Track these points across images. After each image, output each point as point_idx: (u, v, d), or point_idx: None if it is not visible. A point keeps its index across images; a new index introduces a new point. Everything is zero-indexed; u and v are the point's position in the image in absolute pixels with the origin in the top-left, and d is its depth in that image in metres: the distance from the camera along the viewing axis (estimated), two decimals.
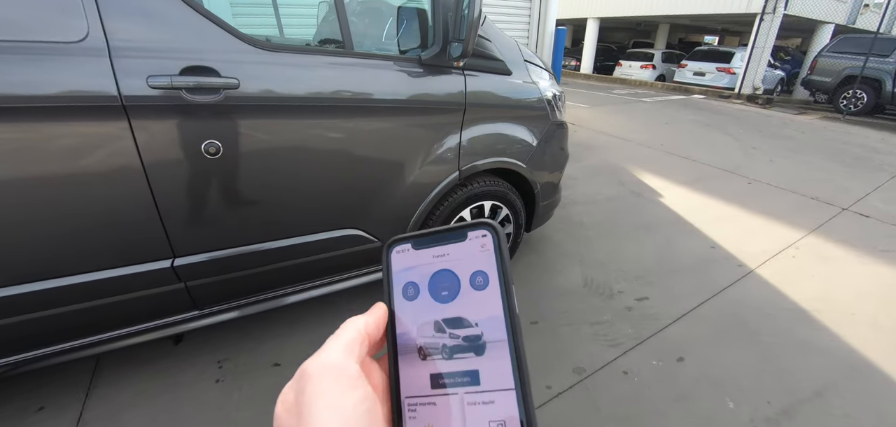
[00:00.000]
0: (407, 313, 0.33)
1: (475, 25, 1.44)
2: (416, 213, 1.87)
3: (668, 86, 14.61)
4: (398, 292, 0.34)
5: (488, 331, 0.30)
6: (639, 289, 2.56)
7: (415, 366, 0.31)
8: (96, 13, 1.10)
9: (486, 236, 0.32)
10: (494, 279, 0.31)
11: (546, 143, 2.26)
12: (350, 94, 1.50)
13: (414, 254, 0.34)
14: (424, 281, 0.33)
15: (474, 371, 0.30)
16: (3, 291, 1.20)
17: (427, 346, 0.32)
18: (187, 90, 1.22)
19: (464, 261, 0.32)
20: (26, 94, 1.05)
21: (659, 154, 5.60)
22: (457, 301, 0.32)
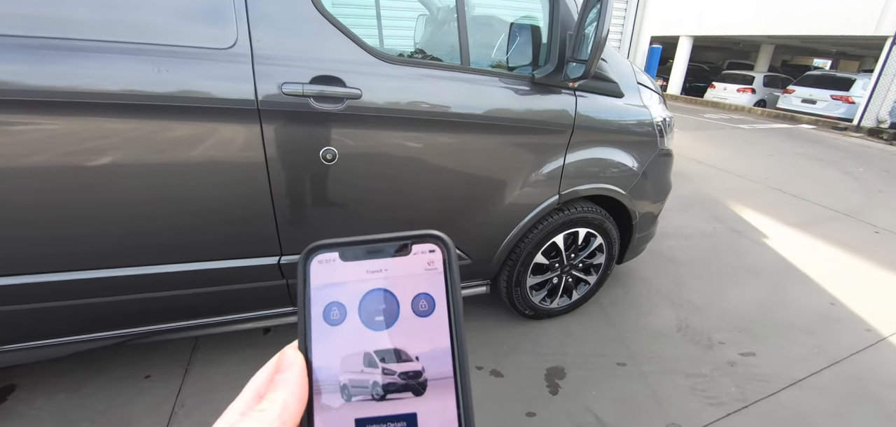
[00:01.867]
0: (328, 341, 0.26)
1: (600, 46, 1.36)
2: (510, 235, 1.81)
3: (769, 113, 13.21)
4: (317, 314, 0.27)
5: (431, 367, 0.25)
6: (743, 342, 2.29)
7: (335, 408, 0.25)
8: (245, 22, 1.18)
9: (435, 251, 0.27)
10: (441, 304, 0.26)
11: (650, 172, 2.10)
12: (463, 109, 1.49)
13: (341, 266, 0.27)
14: (354, 301, 0.27)
15: (411, 415, 0.25)
16: (153, 269, 1.32)
17: (353, 384, 0.26)
18: (315, 98, 1.27)
19: (405, 280, 0.27)
20: (179, 93, 1.15)
21: (761, 189, 5.05)
22: (394, 329, 0.26)
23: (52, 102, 1.05)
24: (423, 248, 0.27)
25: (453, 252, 0.27)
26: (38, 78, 1.03)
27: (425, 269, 0.27)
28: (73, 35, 1.05)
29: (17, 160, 1.08)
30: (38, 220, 1.16)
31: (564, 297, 2.25)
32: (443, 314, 0.26)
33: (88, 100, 1.07)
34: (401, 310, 0.26)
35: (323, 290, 0.27)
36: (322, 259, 0.27)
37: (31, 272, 1.22)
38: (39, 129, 1.08)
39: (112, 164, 1.16)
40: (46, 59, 1.03)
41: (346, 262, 0.27)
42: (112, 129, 1.13)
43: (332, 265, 0.27)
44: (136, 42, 1.11)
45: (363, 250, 0.27)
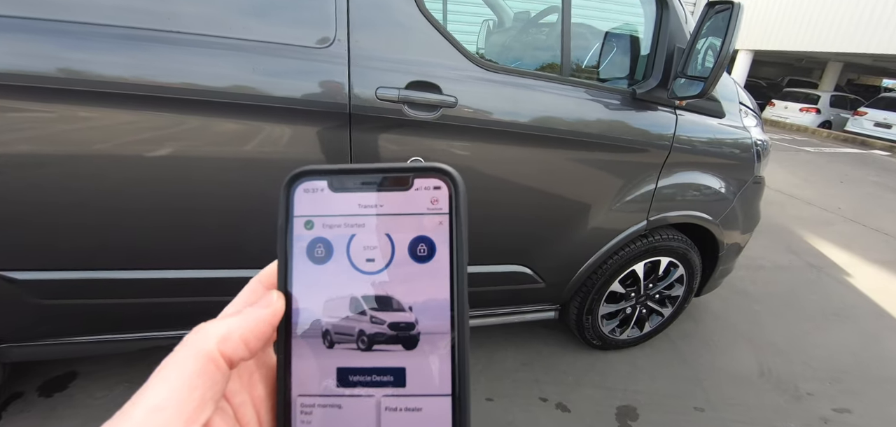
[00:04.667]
0: (311, 281, 0.24)
1: (725, 63, 1.21)
2: (590, 261, 1.68)
3: (836, 135, 12.28)
4: (300, 250, 0.24)
5: (425, 319, 0.23)
6: (836, 395, 2.05)
7: (316, 354, 0.23)
8: (346, 20, 1.11)
9: (440, 188, 0.24)
10: (443, 250, 0.23)
11: (743, 199, 1.91)
12: (559, 123, 1.38)
13: (330, 198, 0.24)
14: (342, 239, 0.24)
15: (400, 369, 0.23)
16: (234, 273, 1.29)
17: (337, 331, 0.23)
18: (409, 105, 1.19)
19: (403, 218, 0.24)
20: (271, 93, 1.09)
21: (837, 220, 4.63)
22: (386, 273, 0.23)
23: (141, 97, 1.01)
24: (427, 184, 0.23)
25: (462, 190, 0.23)
26: (130, 70, 0.99)
27: (427, 209, 0.23)
28: (170, 28, 1.01)
29: (112, 154, 1.05)
30: (124, 215, 1.14)
31: (635, 328, 2.09)
32: (444, 261, 0.23)
33: (180, 96, 1.03)
34: (396, 252, 0.23)
35: (308, 222, 0.24)
36: (308, 187, 0.24)
37: (115, 267, 1.21)
38: (129, 123, 1.04)
39: (199, 163, 1.12)
40: (138, 51, 0.99)
41: (335, 192, 0.24)
42: (201, 127, 1.09)
43: (319, 195, 0.24)
44: (231, 37, 1.06)
45: (356, 180, 0.24)
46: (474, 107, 1.26)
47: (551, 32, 1.55)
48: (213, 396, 0.19)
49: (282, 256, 0.24)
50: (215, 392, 0.19)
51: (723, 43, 1.19)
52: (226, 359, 0.20)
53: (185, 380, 0.19)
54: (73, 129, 1.02)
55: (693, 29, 1.33)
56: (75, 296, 1.22)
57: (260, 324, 0.22)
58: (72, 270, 1.18)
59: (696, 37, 1.31)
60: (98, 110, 1.01)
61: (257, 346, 0.21)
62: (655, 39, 1.43)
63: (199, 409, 0.18)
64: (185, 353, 0.19)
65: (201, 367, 0.19)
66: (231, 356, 0.20)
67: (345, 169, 0.24)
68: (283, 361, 0.23)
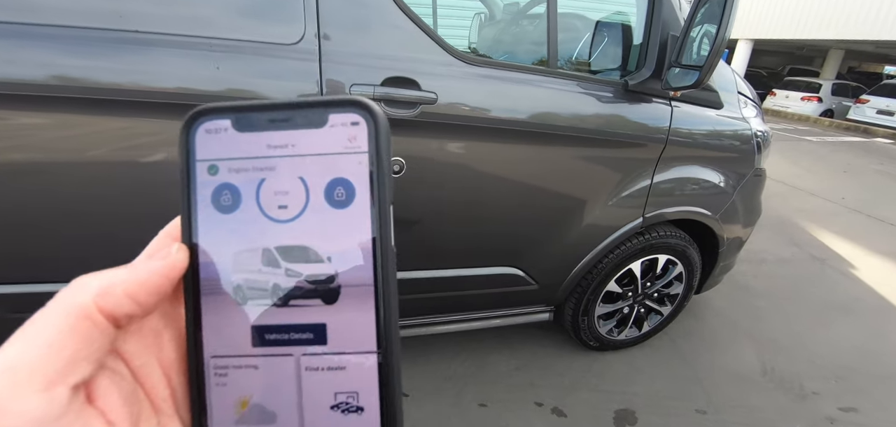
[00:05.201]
0: (218, 232, 0.21)
1: (721, 50, 1.14)
2: (584, 260, 1.62)
3: (838, 124, 12.15)
4: (205, 197, 0.21)
5: (345, 269, 0.21)
6: (842, 394, 1.98)
7: (227, 312, 0.21)
8: (315, 15, 1.05)
9: (358, 124, 0.20)
10: (364, 193, 0.20)
11: (743, 193, 1.84)
12: (548, 117, 1.32)
13: (236, 138, 0.21)
14: (251, 184, 0.21)
15: (320, 325, 0.21)
16: None
17: (249, 285, 0.21)
18: (386, 102, 1.12)
19: (319, 160, 0.21)
20: (237, 93, 1.03)
21: (840, 210, 4.56)
22: (301, 220, 0.21)
23: (98, 101, 0.95)
24: (343, 119, 0.21)
25: (383, 125, 0.21)
26: (92, 73, 0.93)
27: (345, 147, 0.21)
28: (126, 27, 0.94)
29: (60, 158, 0.99)
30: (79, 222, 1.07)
31: (633, 328, 2.02)
32: (364, 205, 0.21)
33: (135, 99, 0.97)
34: (311, 197, 0.21)
35: (212, 167, 0.21)
36: (210, 127, 0.21)
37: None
38: (86, 127, 0.98)
39: (161, 168, 1.05)
40: (96, 53, 0.93)
41: (241, 132, 0.21)
42: (162, 130, 1.03)
43: (223, 135, 0.21)
44: (193, 36, 0.99)
45: (265, 118, 0.21)
46: (456, 103, 1.19)
47: (540, 24, 1.48)
48: (89, 356, 0.17)
49: (184, 205, 0.22)
50: (92, 351, 0.17)
51: (718, 29, 1.12)
52: (106, 314, 0.18)
53: (48, 337, 0.16)
54: (41, 138, 0.96)
55: (687, 16, 1.26)
56: None
57: (153, 276, 0.19)
58: (43, 283, 1.13)
59: (691, 24, 1.24)
60: (59, 116, 0.95)
61: (149, 301, 0.19)
62: (648, 27, 1.37)
63: (66, 370, 0.16)
64: (54, 307, 0.17)
65: (72, 324, 0.17)
66: (113, 311, 0.18)
67: (251, 105, 0.21)
68: (192, 320, 0.21)
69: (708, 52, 1.16)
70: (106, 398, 0.18)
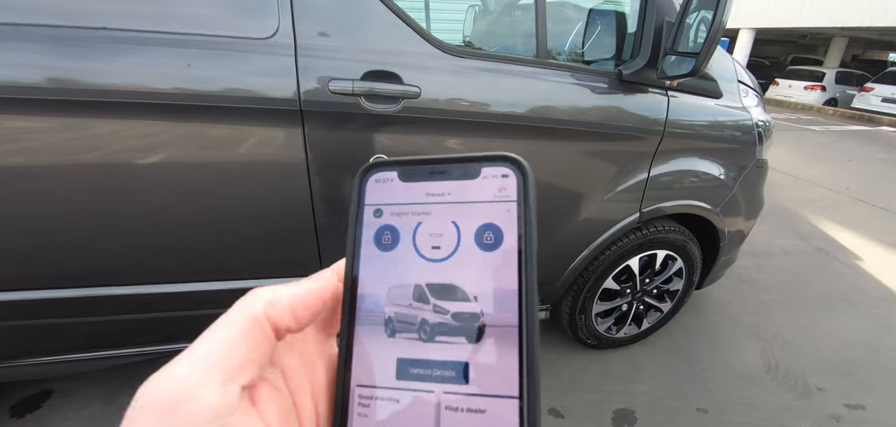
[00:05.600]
0: (377, 268, 0.23)
1: (717, 37, 1.08)
2: (579, 258, 1.56)
3: (842, 113, 12.01)
4: (368, 237, 0.24)
5: (491, 310, 0.21)
6: (848, 390, 1.93)
7: (377, 343, 0.22)
8: (289, 7, 1.00)
9: (508, 176, 0.22)
10: (511, 239, 0.22)
11: (745, 185, 1.78)
12: (539, 111, 1.26)
13: (400, 187, 0.24)
14: (409, 227, 0.23)
15: (462, 364, 0.21)
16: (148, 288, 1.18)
17: (399, 319, 0.22)
18: (366, 97, 1.07)
19: (470, 207, 0.23)
20: (210, 91, 0.98)
21: (845, 201, 4.48)
22: (452, 261, 0.22)
23: (62, 102, 0.90)
24: (495, 172, 0.23)
25: (531, 179, 0.22)
26: (50, 73, 0.89)
27: (495, 196, 0.22)
28: (90, 24, 0.90)
29: (26, 161, 0.95)
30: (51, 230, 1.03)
31: (633, 325, 1.97)
32: (512, 251, 0.21)
33: (105, 98, 0.92)
34: (462, 240, 0.22)
35: (377, 210, 0.24)
36: (379, 178, 0.24)
37: (52, 287, 1.11)
38: (52, 130, 0.94)
39: (133, 172, 1.01)
40: (57, 53, 0.88)
41: (405, 182, 0.24)
42: (131, 132, 0.98)
43: (389, 184, 0.24)
44: (163, 32, 0.94)
45: (426, 171, 0.24)
46: (441, 97, 1.14)
47: (530, 14, 1.42)
48: (256, 359, 0.19)
49: (351, 242, 0.24)
50: (259, 354, 0.19)
51: (715, 15, 1.07)
52: (272, 324, 0.20)
53: (229, 337, 0.19)
54: (5, 139, 0.92)
55: (682, 2, 1.20)
56: (45, 315, 1.14)
57: (309, 296, 0.21)
58: (39, 290, 1.11)
59: (686, 10, 1.18)
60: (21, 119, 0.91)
61: (305, 317, 0.21)
62: (642, 15, 1.31)
63: (241, 368, 0.18)
64: (234, 312, 0.20)
65: (246, 326, 0.19)
66: (277, 322, 0.20)
67: (414, 160, 0.24)
68: (345, 347, 0.23)
69: (704, 39, 1.10)
70: (266, 406, 0.20)
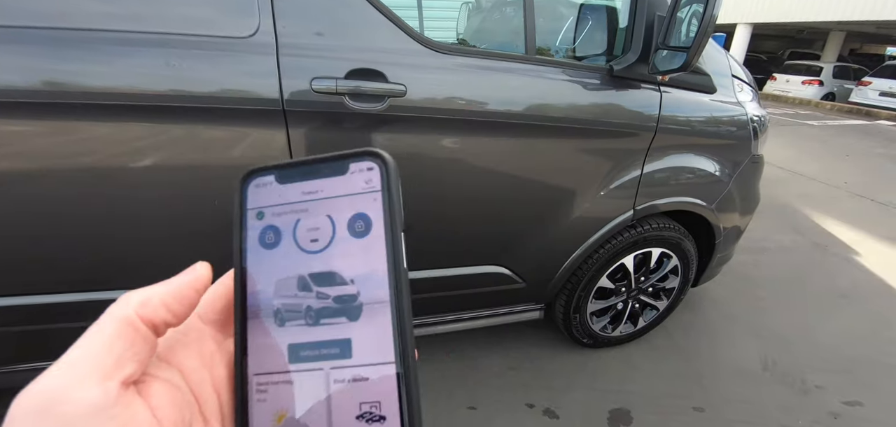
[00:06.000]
0: (263, 265, 0.25)
1: (709, 31, 1.06)
2: (572, 257, 1.54)
3: (840, 107, 12.00)
4: (254, 238, 0.26)
5: (366, 290, 0.24)
6: (845, 386, 1.91)
7: (269, 334, 0.25)
8: (269, 5, 0.97)
9: (373, 169, 0.25)
10: (379, 225, 0.24)
11: (740, 180, 1.76)
12: (528, 108, 1.24)
13: (278, 188, 0.26)
14: (289, 224, 0.25)
15: (345, 340, 0.24)
16: None
17: (287, 309, 0.25)
18: (350, 96, 1.05)
19: (342, 200, 0.25)
20: (189, 91, 0.96)
21: (842, 195, 4.47)
22: (329, 251, 0.25)
23: (39, 105, 0.88)
24: (361, 166, 0.25)
25: (392, 166, 0.25)
26: (23, 75, 0.86)
27: (363, 188, 0.25)
28: (64, 25, 0.87)
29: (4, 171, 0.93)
30: (33, 236, 1.01)
31: (628, 324, 1.95)
32: (379, 234, 0.24)
33: (80, 101, 0.90)
34: (336, 231, 0.25)
35: (259, 213, 0.26)
36: (259, 182, 0.26)
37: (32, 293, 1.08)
38: (38, 134, 0.91)
39: (113, 176, 0.99)
40: (32, 54, 0.86)
41: (282, 184, 0.26)
42: (109, 135, 0.96)
43: (268, 188, 0.26)
44: (142, 32, 0.92)
45: (300, 172, 0.26)
46: (427, 95, 1.11)
47: (519, 10, 1.40)
48: (134, 356, 0.20)
49: (237, 244, 0.26)
50: (136, 352, 0.20)
51: (706, 8, 1.05)
52: (146, 322, 0.21)
53: (100, 340, 0.20)
54: None
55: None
56: (34, 321, 1.12)
57: (182, 288, 0.23)
58: (29, 296, 1.09)
59: (677, 3, 1.16)
60: None
61: (181, 310, 0.22)
62: (633, 9, 1.29)
63: (117, 365, 0.19)
64: (104, 318, 0.20)
65: (118, 328, 0.20)
66: (152, 319, 0.21)
67: (289, 163, 0.26)
68: (239, 344, 0.25)
69: (696, 33, 1.08)
70: (157, 399, 0.21)
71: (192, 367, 0.24)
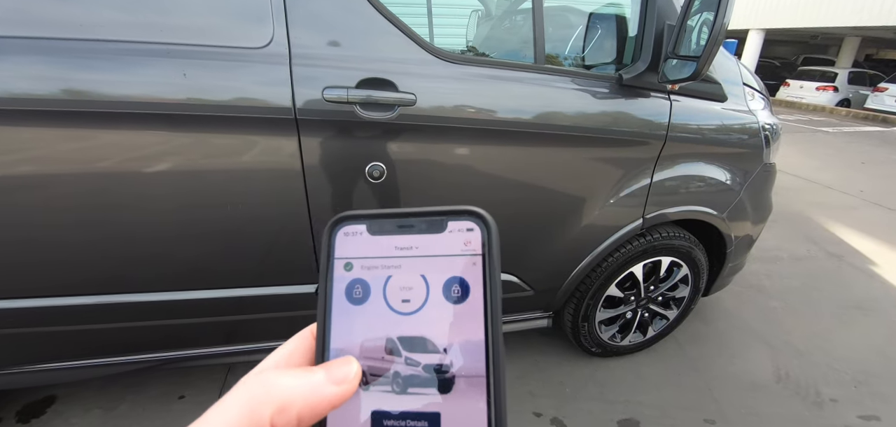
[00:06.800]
0: (349, 321, 0.24)
1: (719, 40, 1.06)
2: (581, 265, 1.54)
3: (856, 114, 11.80)
4: (339, 291, 0.24)
5: (460, 360, 0.22)
6: (861, 399, 1.87)
7: (352, 397, 0.22)
8: (283, 16, 0.99)
9: (473, 230, 0.24)
10: (477, 291, 0.23)
11: (752, 189, 1.74)
12: (537, 117, 1.24)
13: (369, 240, 0.25)
14: (379, 280, 0.24)
15: (434, 415, 0.22)
16: (166, 295, 1.19)
17: (372, 371, 0.23)
18: (361, 105, 1.06)
19: (438, 261, 0.24)
20: (204, 100, 0.98)
21: (858, 204, 4.38)
22: (421, 314, 0.23)
23: (59, 113, 0.91)
24: (461, 226, 0.24)
25: (494, 232, 0.24)
26: (51, 85, 0.89)
27: (461, 250, 0.23)
28: (85, 36, 0.90)
29: (26, 171, 0.96)
30: (51, 240, 1.04)
31: (638, 333, 1.94)
32: (478, 302, 0.22)
33: (100, 109, 0.92)
34: (430, 293, 0.23)
35: (347, 264, 0.24)
36: (349, 231, 0.25)
37: (51, 295, 1.11)
38: (56, 141, 0.94)
39: (130, 181, 1.01)
40: (55, 64, 0.89)
41: (373, 235, 0.25)
42: (127, 142, 0.98)
43: (358, 238, 0.25)
44: (159, 42, 0.95)
45: (394, 224, 0.25)
46: (436, 104, 1.13)
47: (529, 18, 1.41)
48: None
49: (322, 296, 0.24)
50: None
51: (716, 17, 1.04)
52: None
53: None
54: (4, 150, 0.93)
55: (683, 4, 1.18)
56: (50, 323, 1.16)
57: (322, 403, 0.21)
58: (44, 298, 1.12)
59: (688, 12, 1.16)
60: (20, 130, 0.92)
61: (309, 423, 0.21)
62: (643, 18, 1.29)
63: None
64: (237, 410, 0.19)
65: None
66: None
67: (383, 214, 0.25)
68: None
69: (706, 42, 1.08)
70: None
71: None
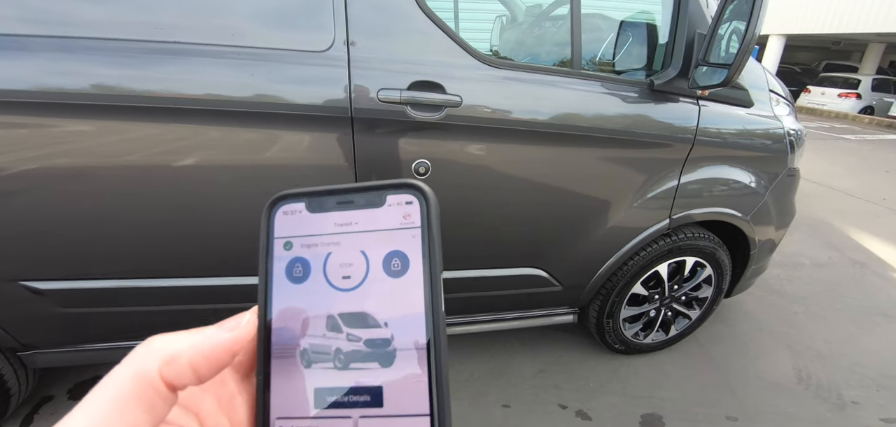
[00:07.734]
0: (290, 301, 0.23)
1: (750, 48, 1.11)
2: (609, 262, 1.60)
3: (879, 122, 11.55)
4: (280, 271, 0.24)
5: (401, 334, 0.22)
6: (884, 403, 1.89)
7: (294, 375, 0.23)
8: (344, 22, 1.08)
9: (412, 203, 0.23)
10: (418, 264, 0.22)
11: (776, 193, 1.78)
12: (573, 119, 1.31)
13: (308, 218, 0.24)
14: (319, 258, 0.24)
15: (376, 388, 0.22)
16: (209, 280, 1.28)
17: (314, 349, 0.23)
18: (412, 106, 1.15)
19: (377, 235, 0.23)
20: (269, 98, 1.07)
21: (882, 212, 4.34)
22: (361, 289, 0.23)
23: (140, 108, 1.01)
24: (399, 200, 0.23)
25: (433, 203, 0.23)
26: (131, 82, 0.99)
27: (400, 224, 0.23)
28: (165, 38, 1.00)
29: (102, 163, 1.05)
30: (119, 223, 1.14)
31: (661, 331, 1.98)
32: (418, 275, 0.22)
33: (176, 105, 1.02)
34: (370, 268, 0.23)
35: (287, 243, 0.24)
36: (287, 209, 0.25)
37: (112, 277, 1.21)
38: (126, 133, 1.04)
39: (195, 171, 1.11)
40: (140, 63, 0.99)
41: (313, 213, 0.24)
42: (196, 135, 1.08)
43: (298, 216, 0.24)
44: (228, 45, 1.04)
45: (333, 201, 0.24)
46: (480, 105, 1.20)
47: (563, 25, 1.48)
48: (151, 420, 0.18)
49: (262, 277, 0.24)
50: (153, 416, 0.18)
51: (748, 26, 1.10)
52: (167, 383, 0.19)
53: (116, 403, 0.18)
54: (85, 143, 1.03)
55: (715, 13, 1.24)
56: (99, 304, 1.24)
57: (216, 349, 0.21)
58: (95, 280, 1.21)
59: (719, 21, 1.22)
60: (101, 123, 1.02)
61: (208, 373, 0.20)
62: (674, 26, 1.35)
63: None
64: (123, 372, 0.19)
65: (138, 390, 0.18)
66: (173, 382, 0.19)
67: (321, 190, 0.24)
68: (262, 384, 0.23)
69: (737, 50, 1.14)
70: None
71: (210, 410, 0.22)
